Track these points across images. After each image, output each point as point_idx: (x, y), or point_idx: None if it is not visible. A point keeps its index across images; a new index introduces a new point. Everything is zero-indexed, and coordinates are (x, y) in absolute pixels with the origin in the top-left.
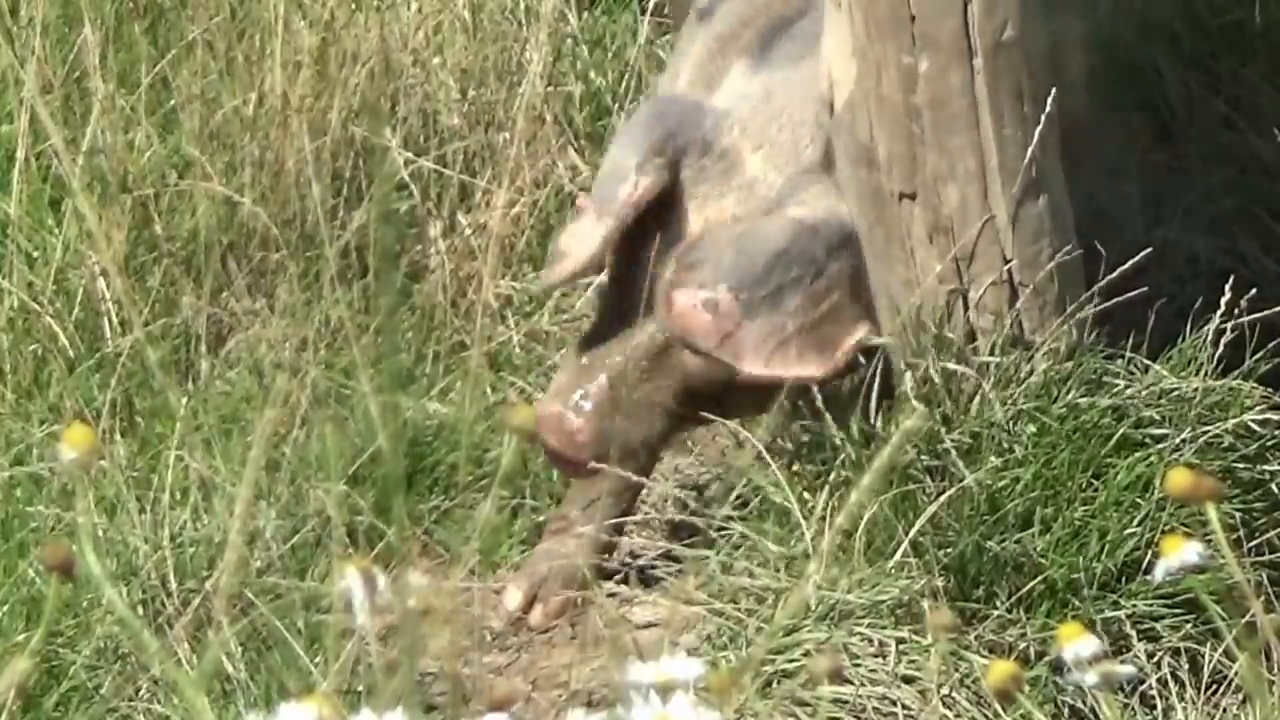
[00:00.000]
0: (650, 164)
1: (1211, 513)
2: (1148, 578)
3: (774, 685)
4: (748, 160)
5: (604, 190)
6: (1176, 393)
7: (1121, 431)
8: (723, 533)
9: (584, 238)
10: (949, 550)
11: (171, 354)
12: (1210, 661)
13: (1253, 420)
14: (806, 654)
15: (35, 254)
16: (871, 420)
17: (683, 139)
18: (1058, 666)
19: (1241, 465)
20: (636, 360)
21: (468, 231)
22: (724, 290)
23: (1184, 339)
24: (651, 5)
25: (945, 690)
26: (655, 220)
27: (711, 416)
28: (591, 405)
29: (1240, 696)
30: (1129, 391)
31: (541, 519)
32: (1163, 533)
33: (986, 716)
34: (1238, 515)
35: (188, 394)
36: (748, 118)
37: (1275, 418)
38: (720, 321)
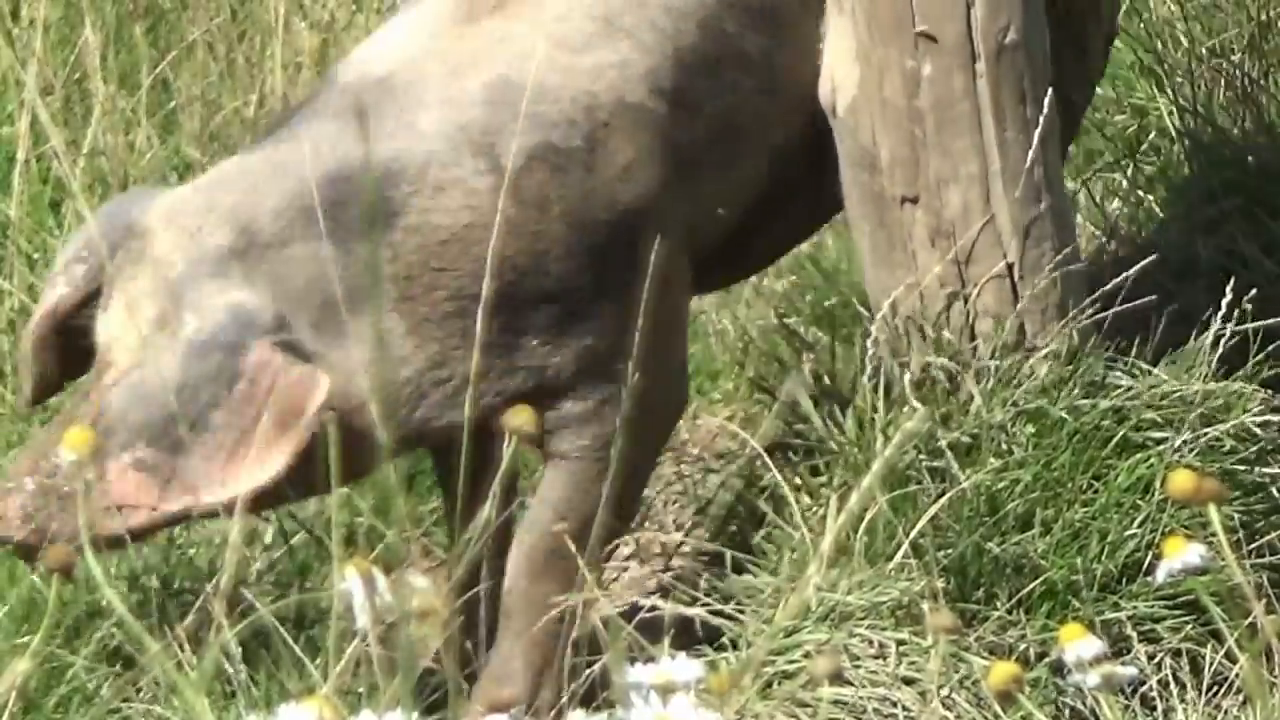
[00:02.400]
0: (67, 273)
1: (1212, 515)
2: (1149, 579)
3: (774, 686)
4: (159, 238)
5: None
6: (1177, 395)
7: (1122, 433)
8: (722, 533)
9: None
10: (949, 551)
11: None
12: (1211, 663)
13: (1253, 422)
14: (806, 655)
15: (35, 255)
16: (870, 422)
17: (116, 232)
18: (1058, 668)
19: (1242, 467)
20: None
21: None
22: (143, 447)
23: (1185, 341)
24: None
25: (945, 692)
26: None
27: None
28: (16, 490)
29: (1241, 698)
30: (1130, 394)
31: None
32: (1163, 534)
33: (986, 718)
34: (1238, 517)
35: None
36: (181, 199)
37: (1276, 420)
38: (155, 475)
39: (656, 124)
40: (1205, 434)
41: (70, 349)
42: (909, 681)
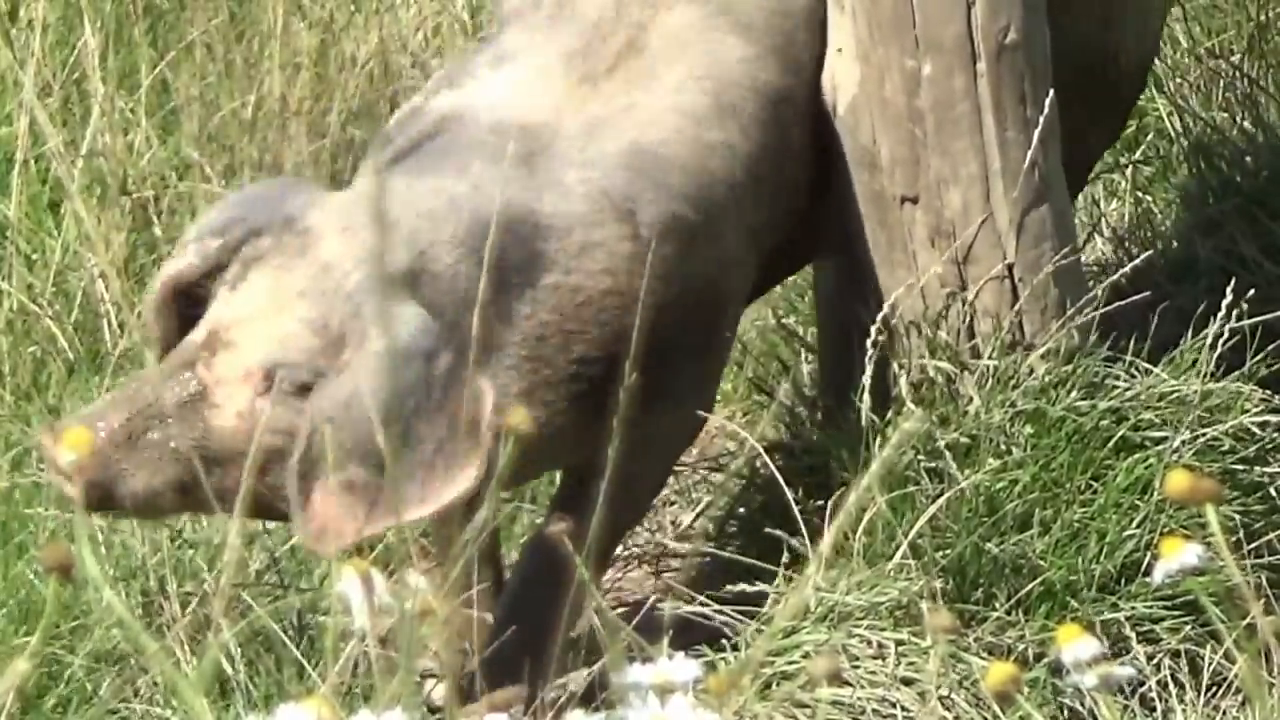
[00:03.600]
0: (200, 244)
1: (1211, 515)
2: (1147, 579)
3: (773, 687)
4: (328, 243)
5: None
6: (1176, 395)
7: (1121, 433)
8: (721, 534)
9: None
10: (948, 552)
11: None
12: (1210, 663)
13: (1252, 422)
14: (805, 656)
15: (34, 256)
16: (869, 422)
17: (264, 218)
18: (1057, 668)
19: (1240, 467)
20: (163, 400)
21: None
22: (354, 467)
23: (1184, 341)
24: None
25: (944, 692)
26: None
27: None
28: (105, 430)
29: (1240, 698)
30: (1128, 394)
31: (540, 521)
32: (1162, 535)
33: (985, 718)
34: (1237, 517)
35: None
36: (353, 209)
37: (1274, 420)
38: (362, 496)
39: (745, 208)
40: (1204, 434)
41: (188, 316)
42: (908, 682)
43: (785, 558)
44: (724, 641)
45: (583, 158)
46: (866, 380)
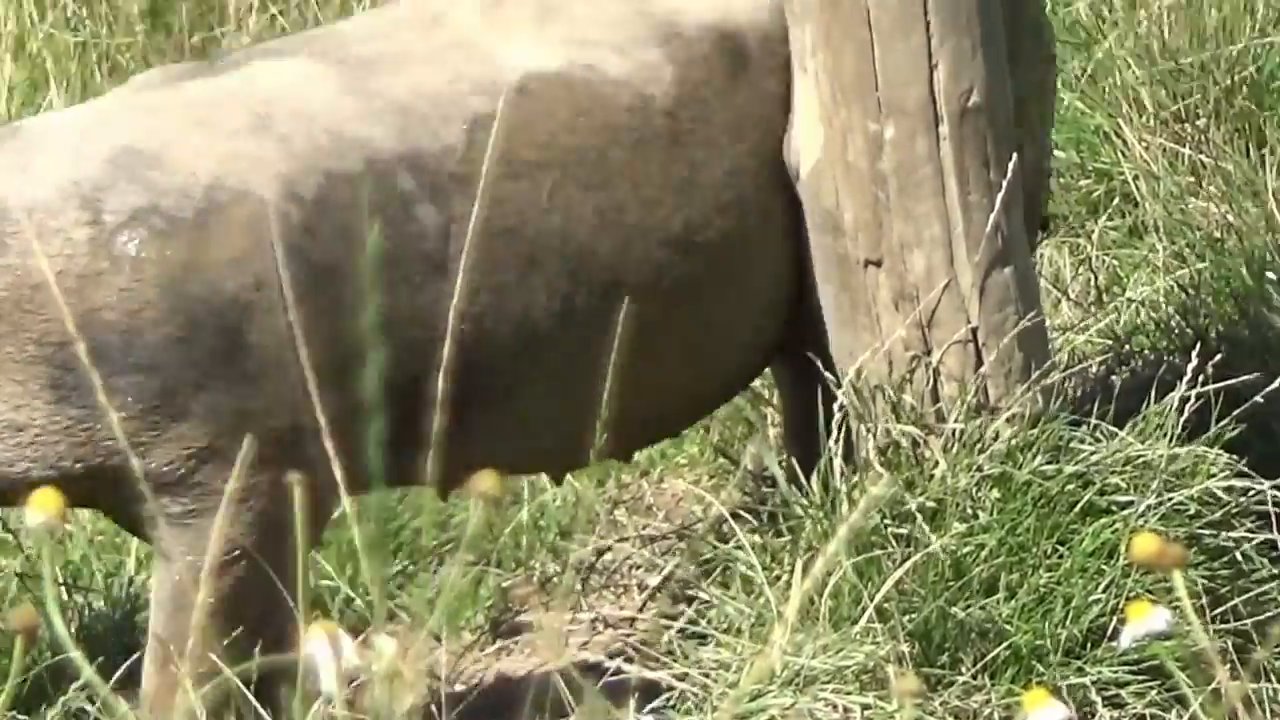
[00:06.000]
0: None
1: (1177, 579)
2: (1113, 644)
3: None
4: None
5: None
6: (1142, 459)
7: (1087, 498)
8: (687, 598)
9: None
10: (914, 616)
11: None
12: None
13: (1218, 487)
14: (772, 719)
15: None
16: (835, 486)
17: None
18: None
19: (1207, 531)
20: None
21: None
22: None
23: (1149, 405)
24: None
25: None
26: None
27: None
28: None
29: None
30: (1094, 458)
31: (506, 583)
32: (1128, 599)
33: None
34: (1202, 582)
35: None
36: None
37: (1240, 484)
38: None
39: (285, 227)
40: (1170, 498)
41: None
42: None
43: (751, 621)
44: (690, 705)
45: (64, 147)
46: (833, 444)
